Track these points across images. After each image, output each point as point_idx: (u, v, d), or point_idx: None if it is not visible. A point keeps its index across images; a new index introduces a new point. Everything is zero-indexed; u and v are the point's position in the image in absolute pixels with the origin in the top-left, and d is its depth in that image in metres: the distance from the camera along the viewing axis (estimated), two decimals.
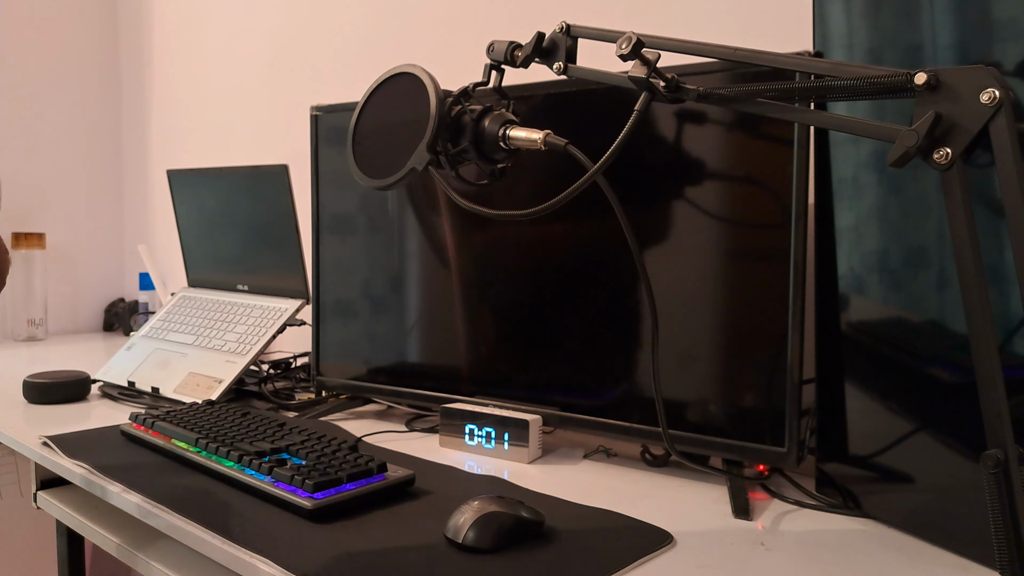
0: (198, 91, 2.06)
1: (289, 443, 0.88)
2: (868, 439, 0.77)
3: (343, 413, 1.19)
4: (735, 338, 0.85)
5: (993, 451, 0.47)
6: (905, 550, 0.71)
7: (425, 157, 0.71)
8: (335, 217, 1.20)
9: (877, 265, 0.75)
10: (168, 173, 1.63)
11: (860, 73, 0.53)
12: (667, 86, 0.63)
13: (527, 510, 0.71)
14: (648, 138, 0.89)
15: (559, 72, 0.70)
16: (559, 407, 0.98)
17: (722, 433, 0.85)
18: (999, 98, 0.46)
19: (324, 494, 0.75)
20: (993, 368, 0.47)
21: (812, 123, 0.58)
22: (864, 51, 0.75)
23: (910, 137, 0.49)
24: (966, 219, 0.48)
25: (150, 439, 0.97)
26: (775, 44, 0.78)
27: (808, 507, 0.82)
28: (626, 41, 0.61)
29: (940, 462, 0.70)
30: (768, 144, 0.82)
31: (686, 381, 0.88)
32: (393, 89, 0.77)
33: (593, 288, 0.96)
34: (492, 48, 0.74)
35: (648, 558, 0.68)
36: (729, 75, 0.82)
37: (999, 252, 0.63)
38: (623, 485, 0.88)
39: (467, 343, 1.07)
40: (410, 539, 0.70)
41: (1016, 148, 0.46)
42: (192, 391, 1.24)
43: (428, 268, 1.11)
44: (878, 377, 0.76)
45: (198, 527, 0.74)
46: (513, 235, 1.02)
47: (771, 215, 0.82)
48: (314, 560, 0.66)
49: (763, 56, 0.59)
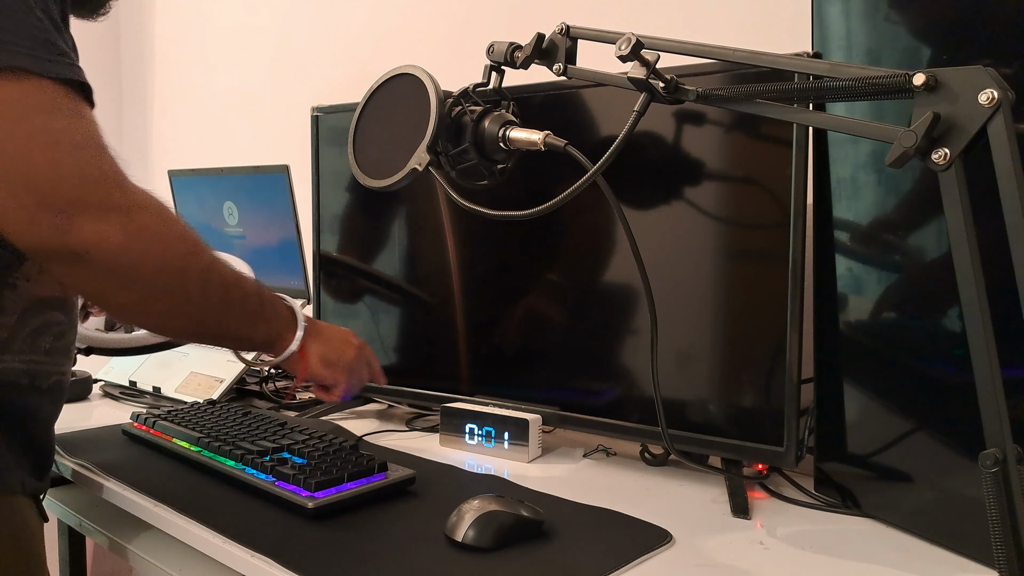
0: (199, 91, 2.07)
1: (290, 442, 0.88)
2: (867, 438, 0.77)
3: (344, 412, 1.19)
4: (734, 338, 0.85)
5: (991, 450, 0.47)
6: (904, 549, 0.71)
7: (425, 157, 0.71)
8: (335, 217, 1.20)
9: (875, 265, 0.75)
10: (169, 173, 1.64)
11: (859, 74, 0.53)
12: (666, 87, 0.63)
13: (527, 509, 0.72)
14: (647, 139, 0.89)
15: (559, 73, 0.71)
16: (559, 407, 0.98)
17: (721, 432, 0.86)
18: (997, 99, 0.46)
19: (325, 493, 0.76)
20: (991, 367, 0.47)
21: (811, 124, 0.58)
22: (863, 52, 0.75)
23: (909, 138, 0.49)
24: (964, 219, 0.48)
25: (152, 438, 0.97)
26: (774, 45, 0.77)
27: (807, 506, 0.82)
28: (625, 42, 0.61)
29: (939, 461, 0.70)
30: (767, 145, 0.82)
31: (685, 381, 0.88)
32: (394, 90, 0.78)
33: (593, 288, 0.96)
34: (492, 49, 0.74)
35: (647, 557, 0.68)
36: (728, 76, 0.83)
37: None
38: (622, 484, 0.88)
39: (467, 343, 1.07)
40: (410, 538, 0.71)
41: (1015, 149, 0.46)
42: (193, 390, 1.24)
43: (428, 268, 1.11)
44: (877, 376, 0.76)
45: (199, 526, 0.74)
46: (513, 235, 1.02)
47: (770, 215, 0.82)
48: (315, 559, 0.66)
49: (762, 57, 0.59)
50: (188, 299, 0.70)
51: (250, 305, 0.77)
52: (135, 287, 0.66)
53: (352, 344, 0.89)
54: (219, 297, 0.73)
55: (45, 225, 0.60)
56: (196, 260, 0.70)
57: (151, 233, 0.65)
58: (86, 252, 0.62)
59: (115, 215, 0.63)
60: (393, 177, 0.74)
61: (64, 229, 0.60)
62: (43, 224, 0.60)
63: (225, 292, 0.73)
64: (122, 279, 0.65)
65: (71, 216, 0.61)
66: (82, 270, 0.63)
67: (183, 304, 0.70)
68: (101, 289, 0.66)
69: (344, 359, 0.88)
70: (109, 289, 0.66)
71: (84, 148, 0.62)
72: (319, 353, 0.85)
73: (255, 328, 0.79)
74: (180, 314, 0.71)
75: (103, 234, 0.62)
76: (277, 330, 0.81)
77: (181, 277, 0.69)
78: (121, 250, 0.63)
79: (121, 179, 0.65)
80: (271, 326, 0.80)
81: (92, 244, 0.62)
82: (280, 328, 0.81)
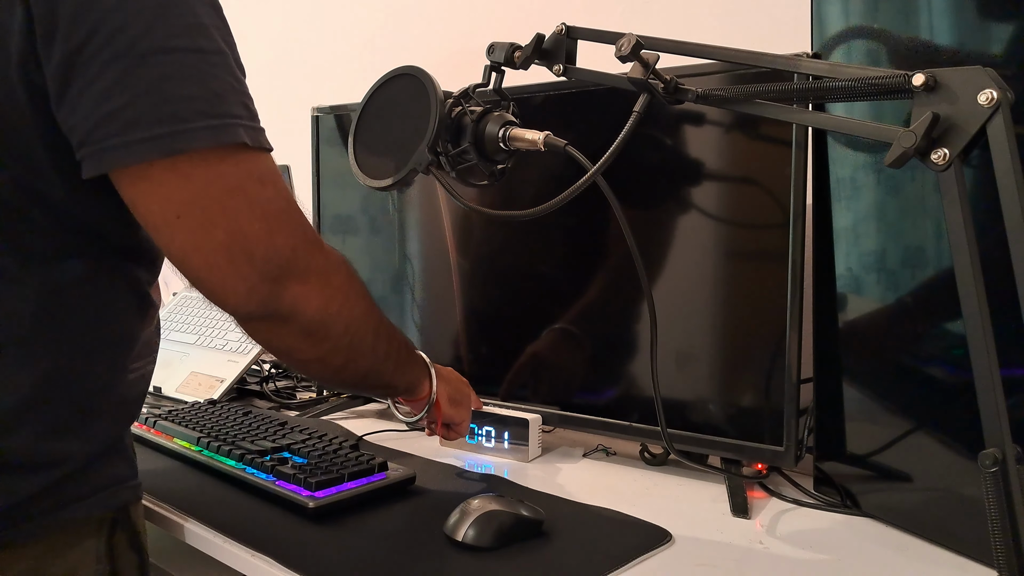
0: None
1: (291, 442, 0.88)
2: (866, 438, 0.77)
3: (344, 412, 1.19)
4: (734, 338, 0.85)
5: (991, 450, 0.47)
6: (903, 548, 0.71)
7: (426, 158, 0.71)
8: (335, 217, 1.21)
9: (875, 265, 0.75)
10: None
11: (858, 74, 0.53)
12: (666, 87, 0.63)
13: (527, 508, 0.72)
14: (647, 139, 0.89)
15: (559, 73, 0.71)
16: (559, 406, 0.98)
17: (721, 432, 0.86)
18: (997, 99, 0.46)
19: (326, 493, 0.76)
20: (991, 366, 0.47)
21: (810, 124, 0.59)
22: (862, 52, 0.75)
23: (908, 138, 0.49)
24: (963, 219, 0.48)
25: (152, 438, 0.97)
26: (773, 45, 0.78)
27: (806, 506, 0.82)
28: (625, 42, 0.61)
29: (938, 461, 0.70)
30: (766, 145, 0.82)
31: (685, 380, 0.88)
32: (394, 90, 0.78)
33: (592, 288, 0.96)
34: (492, 49, 0.74)
35: (647, 556, 0.69)
36: (728, 76, 0.83)
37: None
38: (622, 484, 0.88)
39: (467, 343, 1.07)
40: (411, 537, 0.71)
41: (1014, 149, 0.46)
42: (194, 390, 1.24)
43: (428, 268, 1.11)
44: (876, 376, 0.76)
45: (200, 525, 0.74)
46: (513, 235, 1.02)
47: (769, 215, 0.82)
48: (315, 558, 0.66)
49: (761, 57, 0.59)
50: (364, 353, 0.73)
51: (403, 355, 0.80)
52: (325, 344, 0.68)
53: (464, 382, 0.93)
54: (385, 349, 0.76)
55: (263, 293, 0.62)
56: (374, 316, 0.74)
57: (343, 294, 0.68)
58: (292, 315, 0.64)
59: (316, 278, 0.65)
60: (393, 177, 0.73)
61: (277, 295, 0.63)
62: (260, 292, 0.62)
63: (389, 344, 0.76)
64: (316, 337, 0.67)
65: (284, 283, 0.63)
66: (281, 330, 0.66)
67: (360, 358, 0.73)
68: (292, 346, 0.68)
69: (467, 400, 0.92)
70: (301, 346, 0.68)
71: (290, 215, 0.64)
72: (447, 395, 0.88)
73: (404, 376, 0.82)
74: (354, 368, 0.73)
75: (306, 297, 0.64)
76: (417, 377, 0.84)
77: (363, 333, 0.71)
78: (319, 311, 0.65)
79: (320, 242, 0.68)
80: (413, 374, 0.83)
81: (296, 307, 0.64)
82: (419, 375, 0.84)
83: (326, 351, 0.69)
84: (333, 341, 0.68)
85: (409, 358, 0.82)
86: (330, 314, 0.67)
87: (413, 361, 0.83)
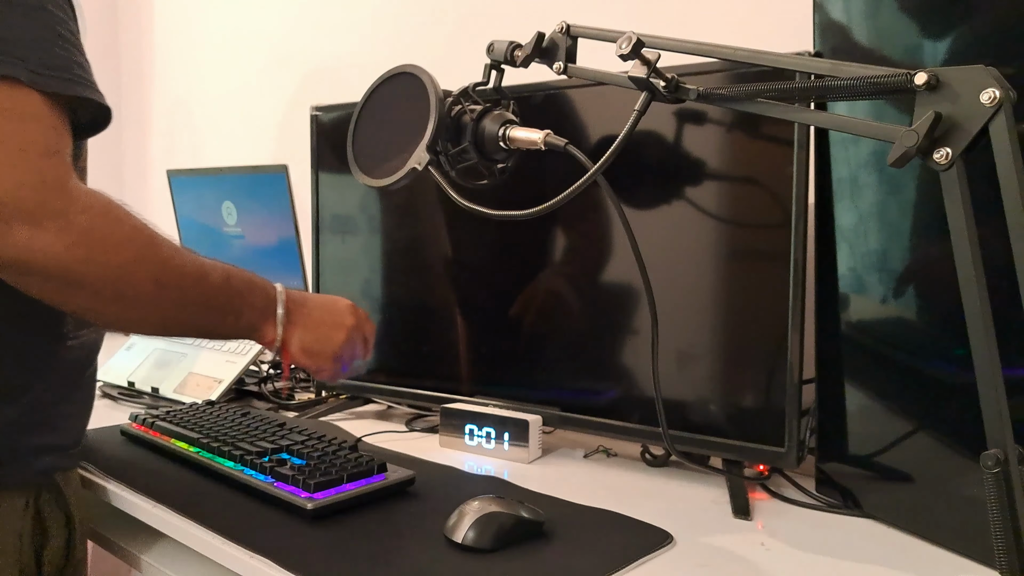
0: (198, 91, 2.06)
1: (289, 443, 0.88)
2: (868, 439, 0.77)
3: (343, 413, 1.19)
4: (735, 338, 0.85)
5: (993, 451, 0.47)
6: (905, 549, 0.71)
7: (425, 157, 0.71)
8: (335, 217, 1.20)
9: (877, 265, 0.75)
10: (168, 173, 1.63)
11: (860, 73, 0.53)
12: (667, 86, 0.63)
13: (527, 510, 0.71)
14: (648, 138, 0.89)
15: (559, 72, 0.70)
16: (559, 407, 0.98)
17: (722, 433, 0.85)
18: (999, 98, 0.46)
19: (324, 494, 0.75)
20: (993, 367, 0.47)
21: (812, 123, 0.58)
22: (864, 51, 0.75)
23: (910, 137, 0.49)
24: (966, 219, 0.48)
25: (150, 439, 0.97)
26: (775, 44, 0.77)
27: (808, 507, 0.82)
28: (626, 41, 0.61)
29: (940, 461, 0.70)
30: (768, 144, 0.82)
31: (686, 381, 0.88)
32: (393, 89, 0.77)
33: (593, 287, 0.96)
34: (492, 48, 0.74)
35: (648, 558, 0.68)
36: (729, 75, 0.82)
37: None
38: (623, 485, 0.88)
39: (467, 343, 1.07)
40: (410, 539, 0.70)
41: (1016, 148, 0.46)
42: (192, 391, 1.24)
43: (428, 268, 1.11)
44: (878, 377, 0.76)
45: (198, 527, 0.74)
46: (513, 235, 1.02)
47: (771, 215, 0.82)
48: (314, 560, 0.66)
49: (763, 56, 0.59)
50: (146, 303, 0.69)
51: (215, 301, 0.76)
52: (82, 293, 0.65)
53: (343, 326, 0.87)
54: (175, 298, 0.71)
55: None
56: (153, 262, 0.69)
57: (94, 238, 0.64)
58: (24, 261, 0.61)
59: (51, 221, 0.61)
60: (393, 177, 0.73)
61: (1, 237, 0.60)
62: None
63: (181, 293, 0.72)
64: (67, 286, 0.64)
65: (9, 224, 0.59)
66: (26, 279, 0.63)
67: (141, 308, 0.69)
68: (52, 296, 0.65)
69: (330, 346, 0.85)
70: (58, 296, 0.65)
71: (26, 152, 0.61)
72: (301, 342, 0.83)
73: (224, 323, 0.77)
74: (136, 317, 0.70)
75: (40, 242, 0.61)
76: (250, 322, 0.79)
77: (136, 281, 0.67)
78: (60, 257, 0.62)
79: (63, 183, 0.63)
80: (242, 319, 0.79)
81: (29, 252, 0.61)
82: (254, 320, 0.80)
83: (91, 302, 0.65)
84: (91, 289, 0.64)
85: (231, 304, 0.77)
86: (76, 260, 0.62)
87: (244, 306, 0.78)
